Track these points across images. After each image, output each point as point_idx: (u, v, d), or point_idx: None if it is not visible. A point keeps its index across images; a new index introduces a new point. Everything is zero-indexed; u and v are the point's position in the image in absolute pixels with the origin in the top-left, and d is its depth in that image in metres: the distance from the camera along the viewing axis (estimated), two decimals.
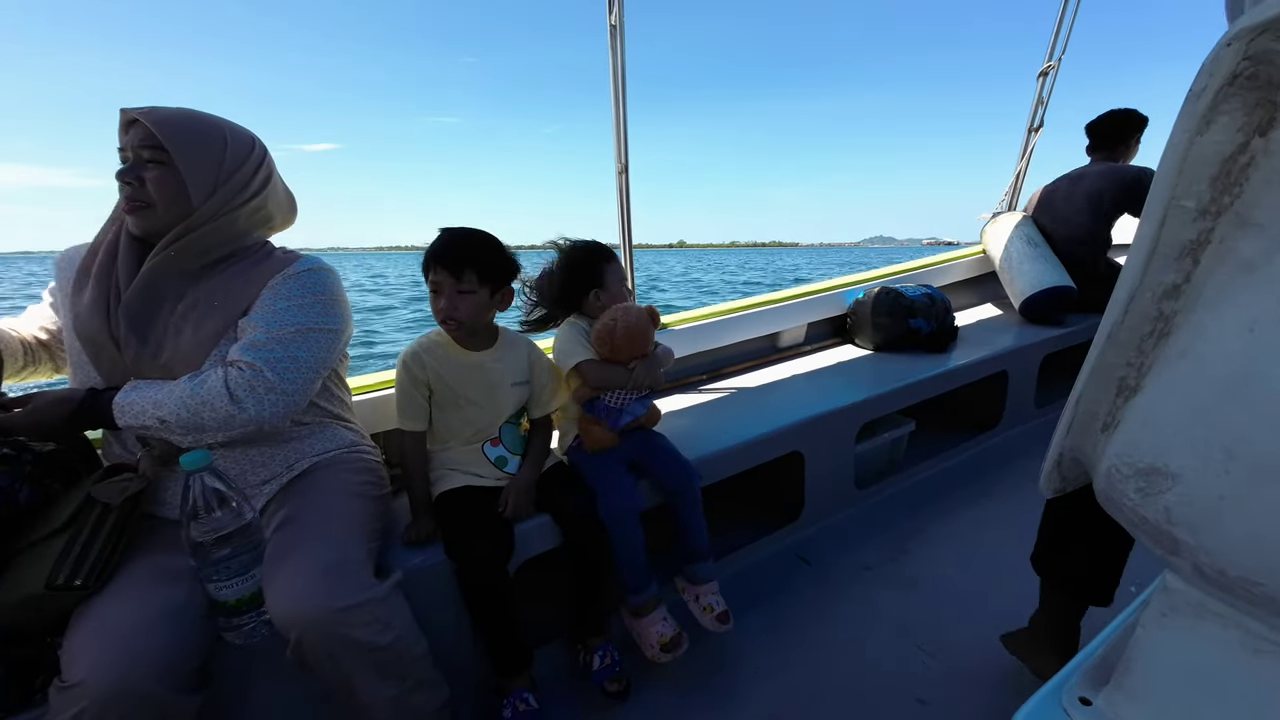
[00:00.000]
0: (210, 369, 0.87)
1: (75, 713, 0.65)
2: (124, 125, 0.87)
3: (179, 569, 0.81)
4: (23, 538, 0.78)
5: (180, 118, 0.88)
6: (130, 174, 0.86)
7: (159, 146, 0.86)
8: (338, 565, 0.83)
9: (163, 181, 0.87)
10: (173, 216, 0.88)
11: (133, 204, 0.87)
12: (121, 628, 0.71)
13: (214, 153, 0.90)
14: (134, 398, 0.83)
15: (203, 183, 0.89)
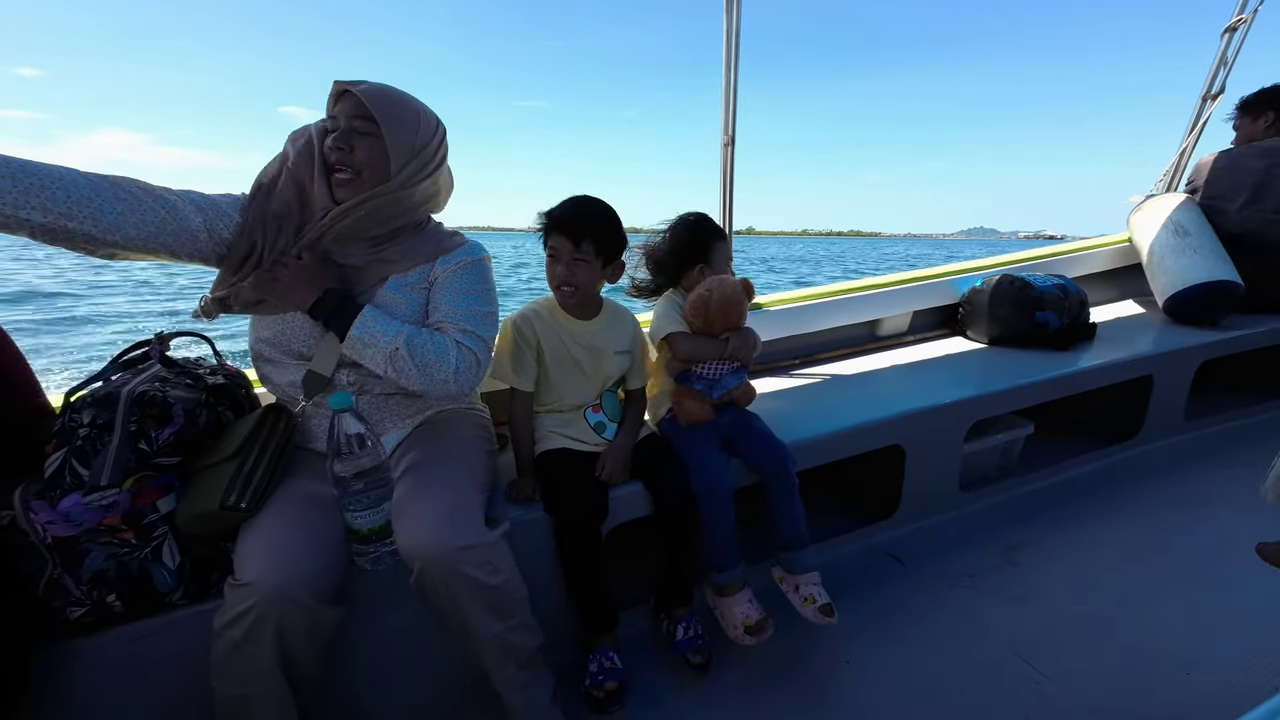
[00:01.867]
0: (452, 341, 0.96)
1: (246, 607, 0.75)
2: (334, 96, 0.93)
3: (324, 496, 0.90)
4: (202, 459, 0.90)
5: (385, 92, 0.93)
6: (344, 140, 0.91)
7: (369, 118, 0.90)
8: (458, 509, 0.89)
9: (371, 150, 0.92)
10: (370, 184, 0.93)
11: (341, 168, 0.92)
12: (281, 543, 0.81)
13: (410, 128, 0.94)
14: (380, 317, 0.92)
15: (400, 155, 0.93)
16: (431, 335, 0.95)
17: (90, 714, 0.83)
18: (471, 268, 1.04)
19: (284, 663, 0.78)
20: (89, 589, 0.80)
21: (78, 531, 0.79)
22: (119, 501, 0.81)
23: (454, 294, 1.01)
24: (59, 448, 0.82)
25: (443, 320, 0.99)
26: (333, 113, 0.94)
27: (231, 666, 0.76)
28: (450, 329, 0.98)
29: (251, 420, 0.93)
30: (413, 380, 0.94)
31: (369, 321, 0.92)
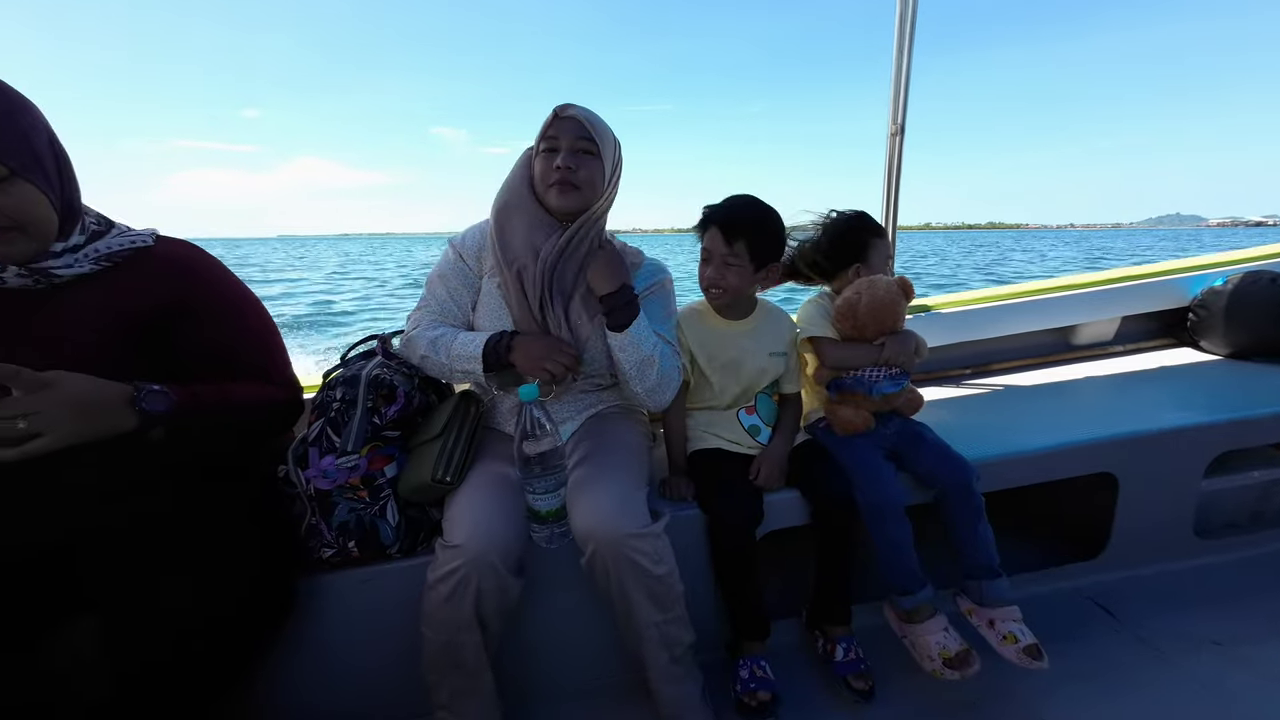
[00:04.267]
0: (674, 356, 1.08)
1: (455, 566, 0.86)
2: (553, 118, 1.01)
3: (510, 477, 1.00)
4: (416, 436, 1.05)
5: (595, 115, 1.02)
6: (573, 158, 0.99)
7: (590, 138, 0.99)
8: (628, 498, 0.94)
9: (591, 169, 1.01)
10: (588, 201, 1.02)
11: (567, 185, 0.99)
12: (482, 514, 0.91)
13: (611, 146, 1.04)
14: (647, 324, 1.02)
15: (606, 173, 1.02)
16: (674, 356, 1.07)
17: (332, 635, 1.01)
18: (667, 289, 1.14)
19: (480, 620, 0.88)
20: (336, 535, 0.98)
21: (331, 487, 0.96)
22: (359, 465, 0.97)
23: (661, 319, 1.10)
24: (318, 417, 1.02)
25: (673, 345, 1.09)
26: (551, 133, 1.01)
27: (440, 616, 0.87)
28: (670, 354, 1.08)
29: (450, 405, 1.07)
30: (643, 386, 1.04)
31: (642, 325, 1.01)
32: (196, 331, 0.90)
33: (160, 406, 0.78)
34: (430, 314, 1.09)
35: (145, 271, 0.88)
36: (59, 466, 0.71)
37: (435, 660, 0.90)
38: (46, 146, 0.78)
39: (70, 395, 0.71)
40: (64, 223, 0.80)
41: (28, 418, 0.67)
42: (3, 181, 0.72)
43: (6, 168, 0.72)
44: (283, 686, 1.00)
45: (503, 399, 1.13)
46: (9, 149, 0.72)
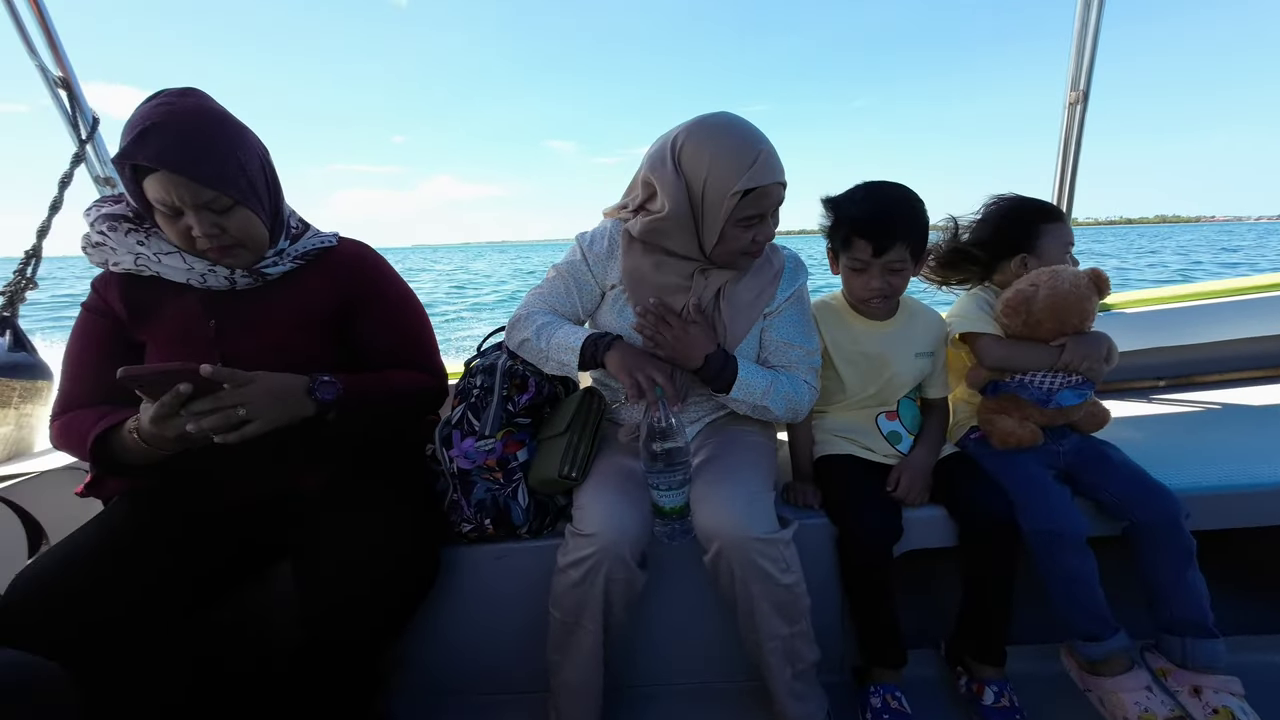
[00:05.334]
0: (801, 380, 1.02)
1: (586, 553, 0.88)
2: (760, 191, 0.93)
3: (635, 472, 1.01)
4: (544, 429, 1.10)
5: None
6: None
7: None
8: (755, 501, 0.90)
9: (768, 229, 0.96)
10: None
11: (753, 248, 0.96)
12: (613, 506, 0.93)
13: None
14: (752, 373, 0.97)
15: None
16: (789, 382, 1.01)
17: (468, 604, 1.09)
18: (804, 297, 1.08)
19: (606, 607, 0.89)
20: (475, 511, 1.05)
21: (471, 467, 1.04)
22: (495, 448, 1.04)
23: (798, 330, 1.05)
24: (460, 402, 1.10)
25: (794, 363, 1.04)
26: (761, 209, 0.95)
27: (568, 599, 0.90)
28: (800, 368, 1.03)
29: (575, 401, 1.10)
30: (766, 418, 1.03)
31: (744, 383, 0.97)
32: (367, 319, 1.02)
33: (330, 395, 0.89)
34: (543, 301, 1.10)
35: (330, 268, 1.00)
36: (266, 442, 0.83)
37: (559, 641, 0.94)
38: (259, 173, 0.91)
39: (268, 387, 0.83)
40: (273, 232, 0.94)
41: (243, 407, 0.79)
42: (228, 210, 0.85)
43: (231, 198, 0.85)
44: (424, 644, 1.10)
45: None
46: (232, 182, 0.85)
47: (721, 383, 0.97)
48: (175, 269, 0.89)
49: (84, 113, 1.42)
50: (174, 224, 0.84)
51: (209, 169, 0.81)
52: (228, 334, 0.92)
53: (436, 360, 1.13)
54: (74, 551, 0.81)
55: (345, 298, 0.99)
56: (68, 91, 1.40)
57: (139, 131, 0.79)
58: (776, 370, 1.03)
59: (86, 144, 1.42)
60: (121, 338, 0.92)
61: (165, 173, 0.79)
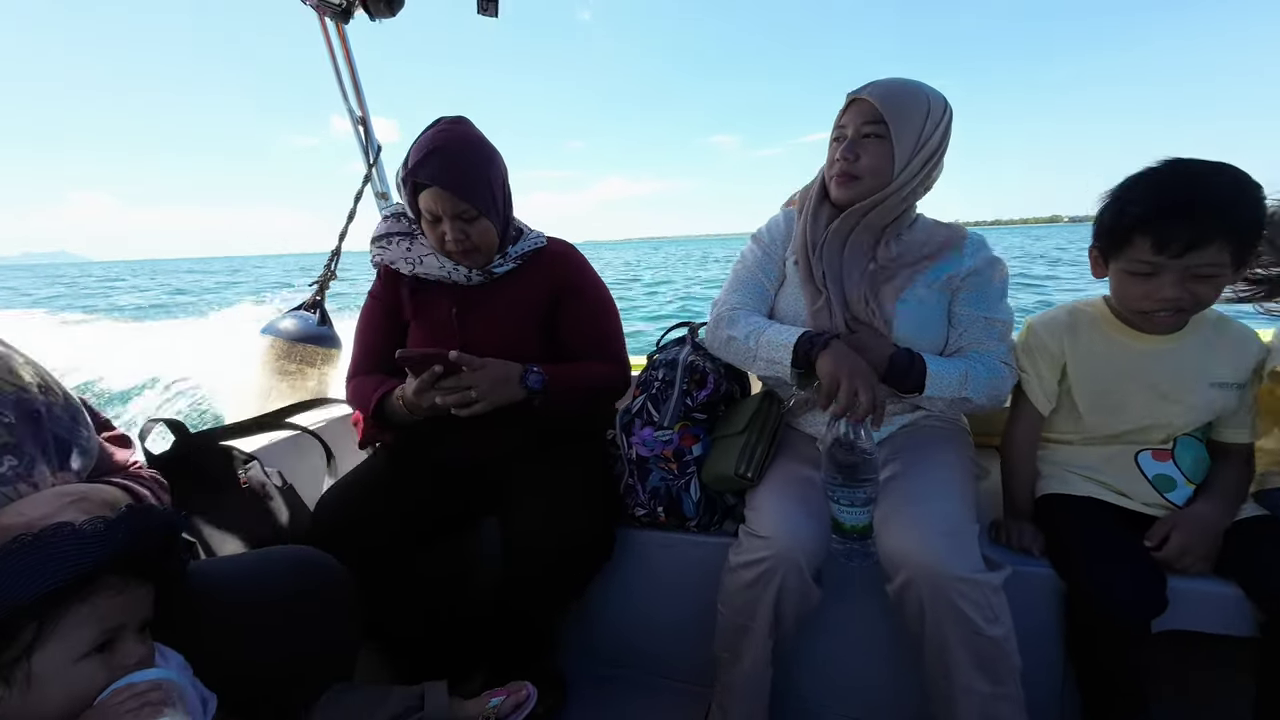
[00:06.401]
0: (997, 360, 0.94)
1: (762, 556, 0.87)
2: (844, 107, 0.96)
3: (815, 479, 0.96)
4: (720, 427, 1.11)
5: (897, 90, 0.92)
6: (850, 150, 0.94)
7: (879, 120, 0.91)
8: (957, 534, 0.79)
9: (876, 154, 0.93)
10: (872, 187, 0.95)
11: (844, 178, 0.95)
12: (790, 512, 0.90)
13: (918, 121, 0.92)
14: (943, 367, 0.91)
15: (904, 153, 0.92)
16: (985, 367, 0.93)
17: (637, 585, 1.15)
18: (993, 280, 0.97)
19: (776, 616, 0.87)
20: (648, 498, 1.10)
21: (649, 455, 1.09)
22: (673, 439, 1.07)
23: (988, 305, 0.96)
24: (641, 393, 1.16)
25: (984, 339, 0.95)
26: (841, 121, 0.96)
27: (739, 599, 0.89)
28: (990, 342, 0.94)
29: (754, 402, 1.08)
30: (965, 410, 0.96)
31: (936, 377, 0.90)
32: (568, 311, 1.13)
33: (537, 384, 1.02)
34: (740, 296, 1.09)
35: (541, 266, 1.14)
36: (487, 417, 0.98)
37: (726, 638, 0.93)
38: (500, 190, 1.07)
39: (493, 374, 0.97)
40: (502, 238, 1.10)
41: (474, 389, 0.94)
42: (474, 219, 1.02)
43: (476, 210, 1.01)
44: (597, 617, 1.19)
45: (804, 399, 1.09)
46: (479, 196, 1.01)
47: (911, 382, 0.89)
48: (431, 268, 1.09)
49: (373, 143, 1.82)
50: (434, 229, 1.03)
51: (467, 188, 0.98)
52: (465, 322, 1.10)
53: (623, 352, 1.21)
54: (355, 486, 1.05)
55: (553, 292, 1.12)
56: (363, 127, 1.80)
57: (424, 154, 0.98)
58: (966, 355, 0.95)
59: (373, 167, 1.81)
60: (394, 320, 1.16)
61: (436, 189, 0.98)
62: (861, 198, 0.96)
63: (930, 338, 0.97)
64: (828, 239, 0.99)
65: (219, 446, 1.07)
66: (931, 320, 0.97)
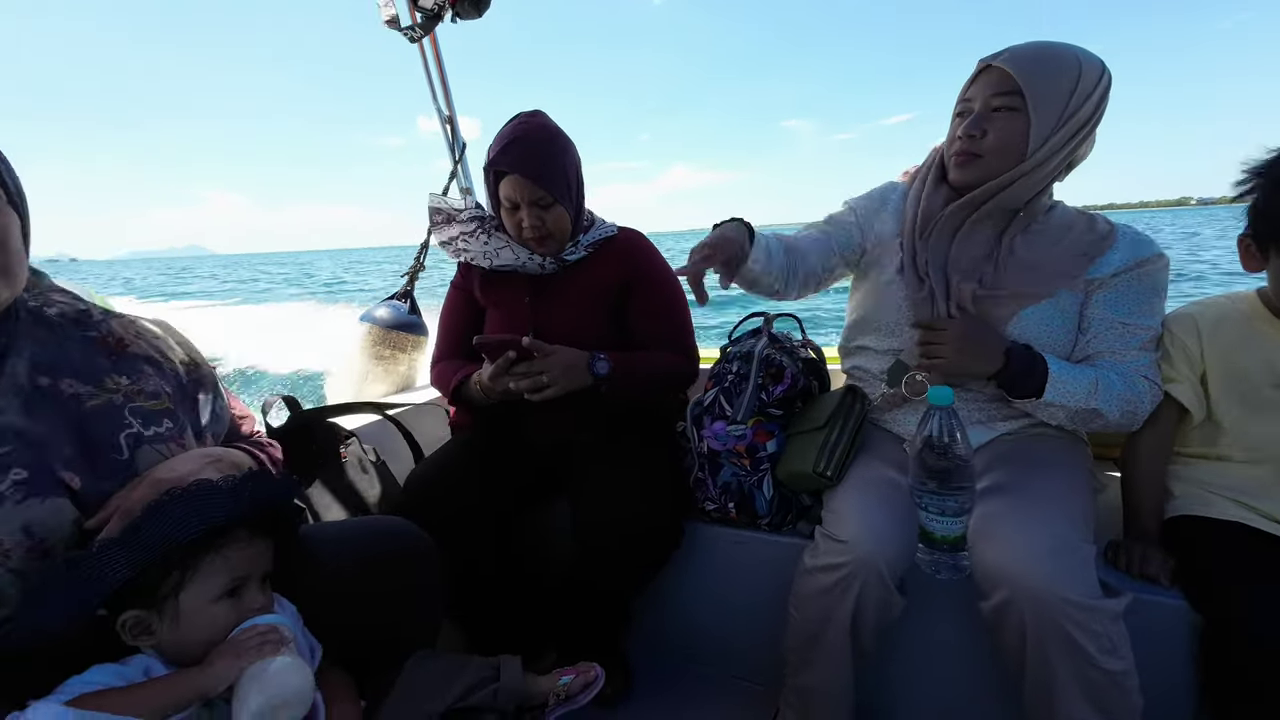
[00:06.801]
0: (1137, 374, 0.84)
1: (841, 561, 0.83)
2: (972, 77, 0.87)
3: (901, 483, 0.90)
4: (797, 422, 1.07)
5: (1040, 55, 0.82)
6: (976, 125, 0.84)
7: (1014, 91, 0.81)
8: (1069, 551, 0.72)
9: (1006, 131, 0.83)
10: (997, 168, 0.85)
11: (964, 157, 0.86)
12: (872, 517, 0.85)
13: (1063, 91, 0.81)
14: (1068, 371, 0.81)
15: (1043, 128, 0.81)
16: (1120, 377, 0.83)
17: (705, 579, 1.14)
18: (1152, 275, 0.85)
19: (855, 625, 0.83)
20: (719, 493, 1.08)
21: (721, 449, 1.07)
22: (746, 435, 1.05)
23: (1130, 308, 0.84)
24: (714, 386, 1.14)
25: (1116, 350, 0.84)
26: (966, 95, 0.88)
27: (814, 604, 0.86)
28: (1131, 354, 0.83)
29: (835, 398, 1.03)
30: (1091, 426, 0.85)
31: (1059, 381, 0.81)
32: (636, 300, 1.14)
33: (603, 370, 1.04)
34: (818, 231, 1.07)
35: (612, 255, 1.16)
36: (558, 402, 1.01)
37: (798, 642, 0.90)
38: (575, 179, 1.10)
39: (563, 360, 1.00)
40: (574, 226, 1.12)
41: (545, 374, 0.97)
42: (549, 206, 1.05)
43: (551, 196, 1.04)
44: (663, 606, 1.19)
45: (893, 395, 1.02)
46: (555, 183, 1.04)
47: (1030, 386, 0.80)
48: (507, 260, 1.13)
49: (458, 140, 1.91)
50: (512, 216, 1.07)
51: (544, 175, 1.02)
52: (538, 309, 1.14)
53: (690, 342, 1.20)
54: (442, 464, 1.11)
55: (623, 280, 1.14)
56: (450, 125, 1.90)
57: (504, 144, 1.02)
58: (1096, 363, 0.83)
59: (458, 164, 1.91)
60: (473, 309, 1.22)
61: (516, 176, 1.02)
62: (983, 180, 0.86)
63: (1053, 341, 0.86)
64: (939, 224, 0.91)
65: (326, 422, 1.17)
66: (1057, 322, 0.86)
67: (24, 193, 0.60)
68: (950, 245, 0.90)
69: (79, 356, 0.62)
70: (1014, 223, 0.90)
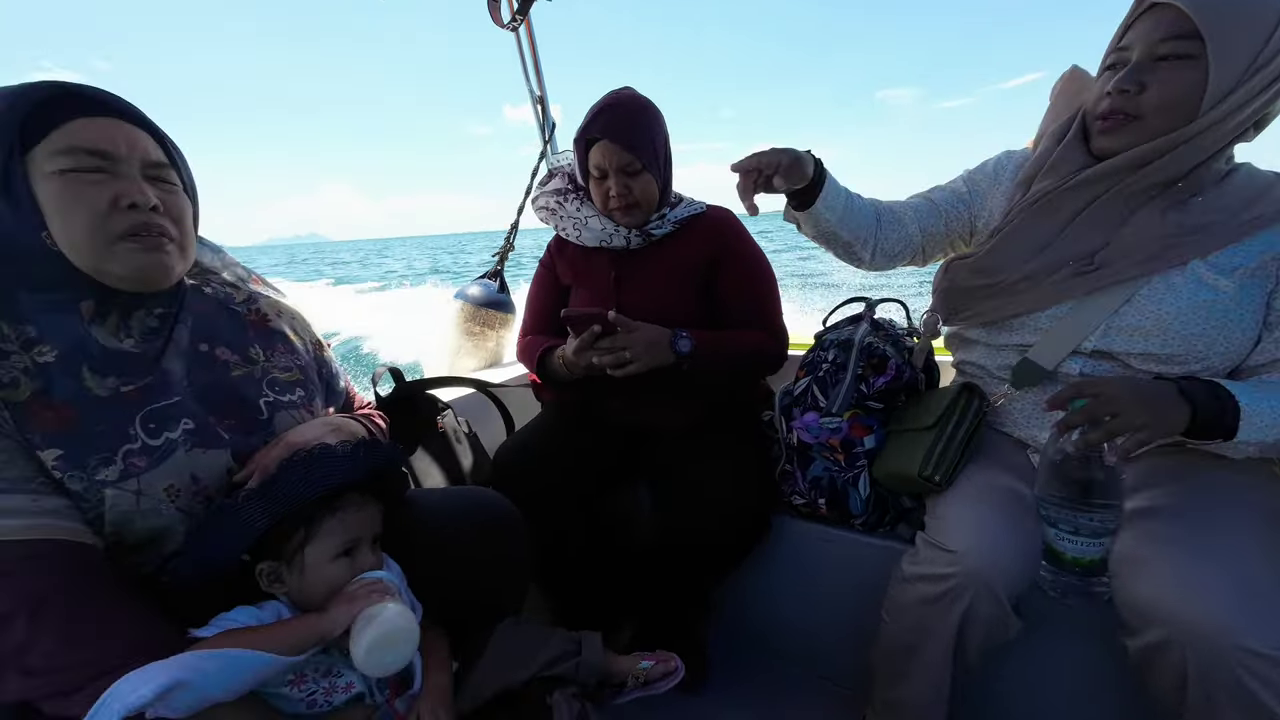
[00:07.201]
0: None
1: (947, 572, 0.75)
2: (1133, 17, 0.71)
3: (1021, 493, 0.80)
4: (901, 419, 0.98)
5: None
6: (1131, 78, 0.69)
7: (1190, 35, 0.65)
8: (1254, 595, 0.60)
9: (1176, 84, 0.67)
10: (1157, 129, 0.70)
11: (1115, 118, 0.71)
12: (989, 528, 0.76)
13: (1258, 35, 0.64)
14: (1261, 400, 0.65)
15: (1225, 80, 0.66)
16: None
17: (789, 575, 1.10)
18: None
19: (959, 644, 0.75)
20: (808, 487, 1.03)
21: (813, 442, 1.01)
22: (841, 428, 0.98)
23: None
24: (806, 374, 1.07)
25: None
26: (1121, 44, 0.72)
27: (912, 614, 0.79)
28: None
29: (947, 395, 0.92)
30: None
31: (1255, 417, 0.64)
32: (725, 278, 1.10)
33: (685, 349, 1.01)
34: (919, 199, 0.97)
35: (700, 232, 1.12)
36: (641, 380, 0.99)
37: (891, 651, 0.84)
38: (663, 149, 1.08)
39: (646, 337, 0.98)
40: (661, 198, 1.10)
41: (628, 350, 0.96)
42: (637, 173, 1.04)
43: (640, 163, 1.03)
44: (744, 598, 1.16)
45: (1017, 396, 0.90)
46: (644, 150, 1.03)
47: (1218, 430, 0.65)
48: (594, 231, 1.12)
49: (548, 120, 1.93)
50: (600, 186, 1.07)
51: (633, 141, 1.01)
52: (623, 285, 1.13)
53: (779, 322, 1.15)
54: (530, 438, 1.13)
55: (710, 257, 1.10)
56: (541, 106, 1.92)
57: (595, 113, 1.03)
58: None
59: (547, 144, 1.93)
60: (559, 286, 1.23)
61: (606, 141, 1.02)
62: (1135, 145, 0.72)
63: (1217, 339, 0.71)
64: (1067, 191, 0.78)
65: (425, 394, 1.24)
66: (1227, 315, 0.71)
67: (195, 184, 0.68)
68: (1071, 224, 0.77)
69: (230, 329, 0.70)
70: (1164, 195, 0.73)
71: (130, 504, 0.57)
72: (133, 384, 0.60)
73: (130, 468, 0.57)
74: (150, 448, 0.59)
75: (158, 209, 0.59)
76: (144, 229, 0.58)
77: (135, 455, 0.58)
